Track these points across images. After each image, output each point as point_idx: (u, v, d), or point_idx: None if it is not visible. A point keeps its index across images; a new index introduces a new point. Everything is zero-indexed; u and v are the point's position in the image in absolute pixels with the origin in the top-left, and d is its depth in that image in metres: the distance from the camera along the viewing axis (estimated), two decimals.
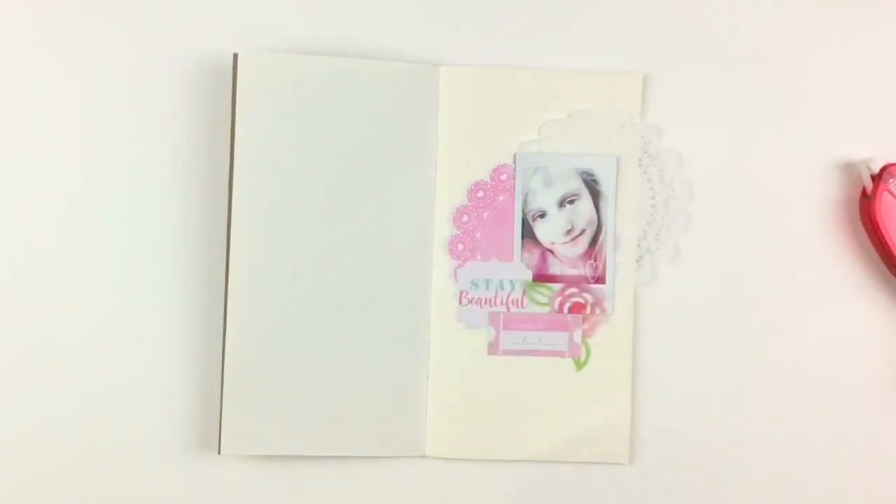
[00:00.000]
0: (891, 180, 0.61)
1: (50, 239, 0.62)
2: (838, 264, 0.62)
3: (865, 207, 0.61)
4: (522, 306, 0.62)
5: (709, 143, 0.63)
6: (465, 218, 0.62)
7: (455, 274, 0.62)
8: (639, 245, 0.62)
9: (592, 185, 0.62)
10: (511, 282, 0.62)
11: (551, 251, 0.62)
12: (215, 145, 0.62)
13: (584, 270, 0.62)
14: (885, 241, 0.60)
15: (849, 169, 0.63)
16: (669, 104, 0.63)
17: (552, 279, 0.62)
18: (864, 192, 0.62)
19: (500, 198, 0.62)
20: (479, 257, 0.62)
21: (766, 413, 0.62)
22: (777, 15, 0.63)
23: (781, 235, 0.63)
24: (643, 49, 0.63)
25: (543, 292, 0.62)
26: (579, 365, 0.62)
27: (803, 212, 0.63)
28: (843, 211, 0.63)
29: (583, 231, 0.62)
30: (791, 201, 0.63)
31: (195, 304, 0.62)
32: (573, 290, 0.62)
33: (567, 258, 0.62)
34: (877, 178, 0.61)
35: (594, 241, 0.62)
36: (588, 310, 0.62)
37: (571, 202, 0.62)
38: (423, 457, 0.61)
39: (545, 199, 0.62)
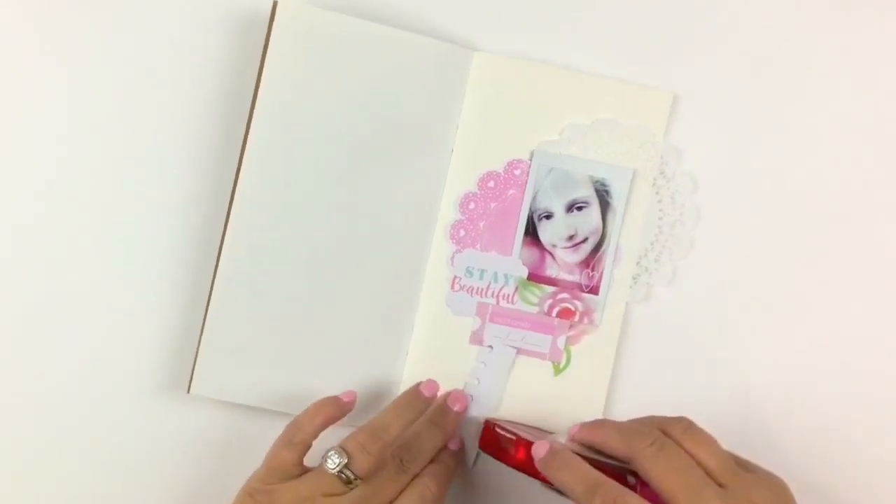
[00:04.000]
0: None
1: (46, 172, 0.62)
2: (840, 305, 0.63)
3: None
4: (512, 302, 0.62)
5: (726, 173, 0.63)
6: (472, 205, 0.62)
7: (452, 259, 0.62)
8: (638, 263, 0.62)
9: (603, 196, 0.62)
10: (505, 276, 0.62)
11: (551, 253, 0.62)
12: (239, 93, 0.62)
13: (579, 278, 0.62)
14: None
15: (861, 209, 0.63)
16: (694, 128, 0.63)
17: (546, 281, 0.62)
18: None
19: (510, 191, 0.62)
20: (478, 246, 0.62)
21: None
22: (813, 55, 0.63)
23: (784, 271, 0.63)
24: (676, 69, 0.63)
25: (535, 292, 0.62)
26: (557, 370, 0.62)
27: (812, 250, 0.63)
28: (846, 250, 0.63)
29: (585, 239, 0.62)
30: (800, 239, 0.63)
31: (190, 246, 0.62)
32: (565, 295, 0.62)
33: (565, 263, 0.62)
34: None
35: (595, 250, 0.62)
36: (576, 318, 0.62)
37: (580, 208, 0.62)
38: None
39: (554, 201, 0.62)
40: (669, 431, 0.51)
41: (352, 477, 0.54)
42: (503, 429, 0.57)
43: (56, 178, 0.62)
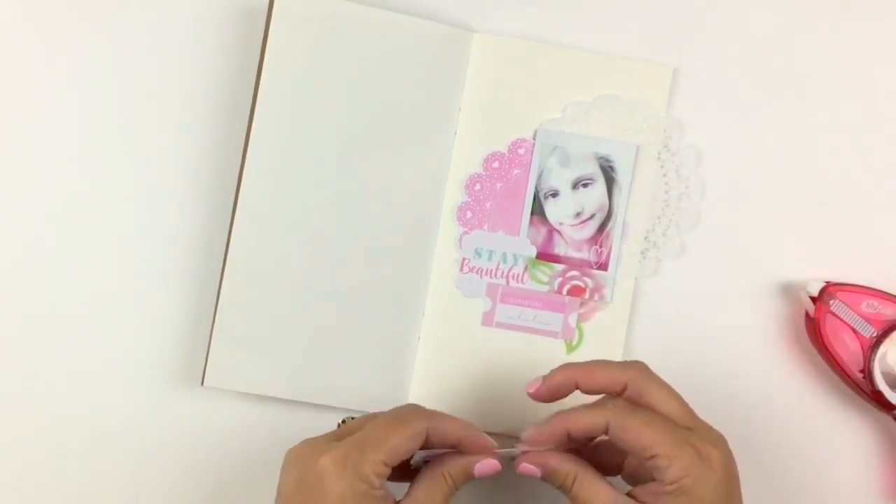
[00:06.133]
0: (831, 301, 0.60)
1: (51, 170, 0.62)
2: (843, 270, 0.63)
3: (810, 329, 0.61)
4: (522, 282, 0.62)
5: (729, 144, 0.63)
6: (478, 186, 0.62)
7: (460, 240, 0.62)
8: (646, 238, 0.62)
9: (608, 172, 0.62)
10: (514, 256, 0.62)
11: (558, 231, 0.62)
12: (241, 84, 0.62)
13: (588, 255, 0.62)
14: (836, 363, 0.60)
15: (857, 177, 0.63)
16: (695, 101, 0.63)
17: (555, 259, 0.62)
18: (807, 315, 0.61)
19: (515, 171, 0.62)
20: (486, 227, 0.62)
21: (743, 423, 0.62)
22: (810, 27, 0.64)
23: (788, 223, 0.63)
24: (676, 43, 0.63)
25: (545, 271, 0.62)
26: (570, 348, 0.62)
27: (810, 200, 0.63)
28: (849, 215, 0.63)
29: (592, 216, 0.62)
30: (804, 209, 0.63)
31: (199, 237, 0.62)
32: (575, 272, 0.62)
33: (573, 240, 0.62)
34: (818, 300, 0.60)
35: (602, 227, 0.62)
36: (587, 294, 0.62)
37: (585, 185, 0.62)
38: None
39: (559, 179, 0.62)
40: (631, 379, 0.52)
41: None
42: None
43: (61, 175, 0.62)
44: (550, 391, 0.54)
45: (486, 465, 0.52)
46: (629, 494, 0.50)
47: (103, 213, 0.62)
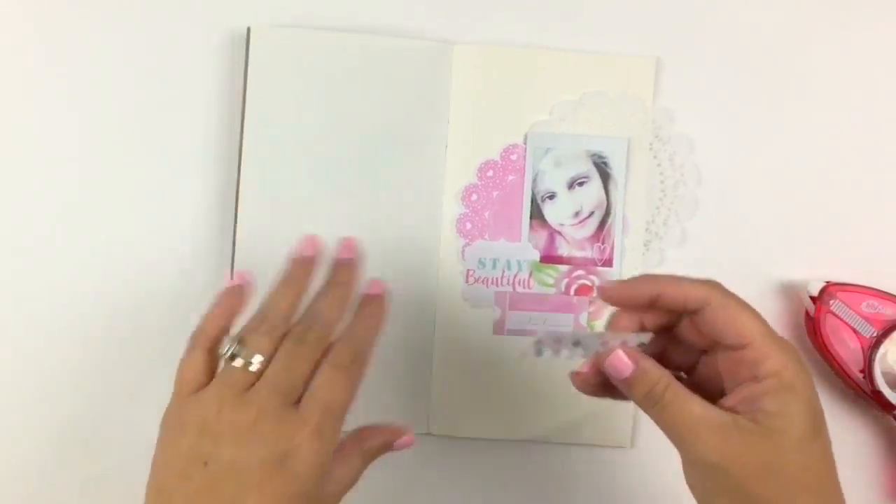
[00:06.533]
0: (832, 301, 0.60)
1: (55, 160, 0.62)
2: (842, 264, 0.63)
3: (810, 329, 0.61)
4: (529, 287, 0.62)
5: (720, 129, 0.63)
6: (475, 197, 0.62)
7: (462, 252, 0.62)
8: (647, 229, 0.63)
9: (602, 168, 0.62)
10: (518, 262, 0.62)
11: (559, 232, 0.62)
12: (231, 116, 0.62)
13: (591, 253, 0.62)
14: (836, 363, 0.60)
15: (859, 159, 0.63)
16: (682, 89, 0.63)
17: (559, 261, 0.62)
18: (807, 315, 0.61)
19: (510, 177, 0.62)
20: (486, 236, 0.62)
21: None
22: (792, 7, 0.64)
23: (788, 222, 0.63)
24: (657, 33, 0.63)
25: (550, 273, 0.62)
26: None
27: (810, 199, 0.63)
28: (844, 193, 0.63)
29: (591, 213, 0.62)
30: (804, 209, 0.63)
31: (202, 263, 0.62)
32: (580, 272, 0.62)
33: (575, 240, 0.62)
34: (818, 300, 0.60)
35: (602, 223, 0.62)
36: (594, 293, 0.62)
37: (581, 184, 0.62)
38: (428, 434, 0.61)
39: (555, 180, 0.62)
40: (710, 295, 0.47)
41: (254, 360, 0.47)
42: None
43: (61, 175, 0.62)
44: (629, 289, 0.48)
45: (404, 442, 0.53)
46: (719, 407, 0.45)
47: (103, 213, 0.62)
